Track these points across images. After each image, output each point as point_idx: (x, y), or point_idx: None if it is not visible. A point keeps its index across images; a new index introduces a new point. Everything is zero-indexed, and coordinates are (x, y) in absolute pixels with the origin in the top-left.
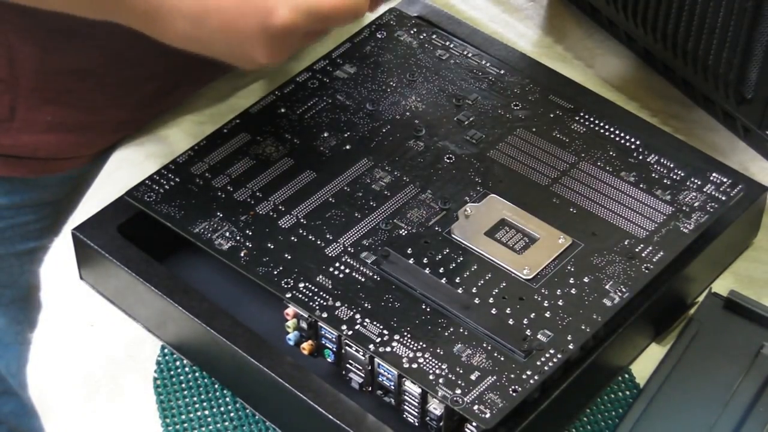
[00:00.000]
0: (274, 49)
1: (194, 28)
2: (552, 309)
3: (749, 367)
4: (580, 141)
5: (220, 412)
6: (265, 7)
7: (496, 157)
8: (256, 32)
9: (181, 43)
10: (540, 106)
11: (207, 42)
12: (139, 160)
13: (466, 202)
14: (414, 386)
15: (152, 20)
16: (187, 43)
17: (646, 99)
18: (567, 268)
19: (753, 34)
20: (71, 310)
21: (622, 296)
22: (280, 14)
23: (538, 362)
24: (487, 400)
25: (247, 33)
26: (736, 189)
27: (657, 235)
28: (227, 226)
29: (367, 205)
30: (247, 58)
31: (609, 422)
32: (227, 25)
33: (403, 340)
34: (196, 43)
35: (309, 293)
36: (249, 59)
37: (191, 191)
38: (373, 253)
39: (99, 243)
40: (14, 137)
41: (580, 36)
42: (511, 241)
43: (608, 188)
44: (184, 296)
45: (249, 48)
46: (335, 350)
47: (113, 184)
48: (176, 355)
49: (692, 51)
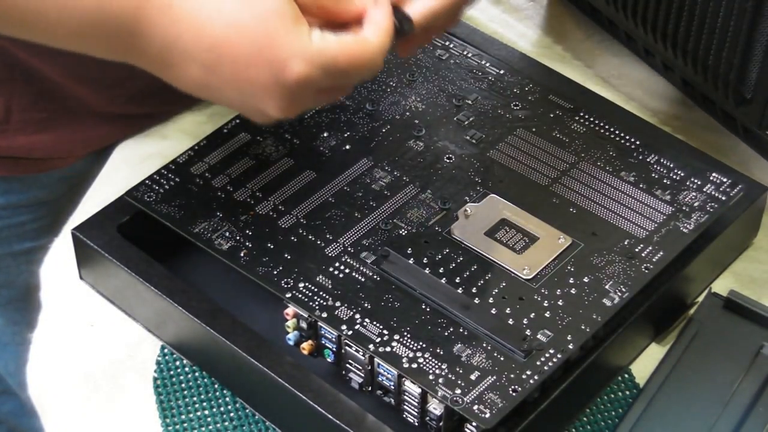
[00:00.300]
0: (287, 103)
1: (207, 75)
2: (552, 309)
3: (749, 367)
4: (580, 141)
5: (220, 412)
6: (278, 59)
7: (496, 157)
8: (269, 84)
9: (194, 89)
10: (540, 106)
11: (219, 90)
12: (139, 160)
13: (466, 201)
14: (414, 386)
15: (165, 65)
16: (199, 90)
17: (646, 99)
18: (567, 268)
19: (753, 34)
20: (71, 310)
21: (621, 296)
22: (294, 67)
23: (537, 362)
24: (487, 400)
25: (259, 84)
26: (735, 189)
27: (657, 235)
28: (227, 226)
29: (367, 205)
30: (259, 111)
31: (609, 422)
32: (240, 75)
33: (403, 340)
34: (208, 91)
35: (309, 293)
36: (261, 112)
37: (191, 191)
38: (372, 253)
39: (99, 243)
40: (10, 139)
41: (579, 36)
42: (511, 241)
43: (608, 188)
44: (184, 296)
45: (261, 100)
46: (335, 350)
47: (113, 184)
48: (176, 355)
49: (692, 51)
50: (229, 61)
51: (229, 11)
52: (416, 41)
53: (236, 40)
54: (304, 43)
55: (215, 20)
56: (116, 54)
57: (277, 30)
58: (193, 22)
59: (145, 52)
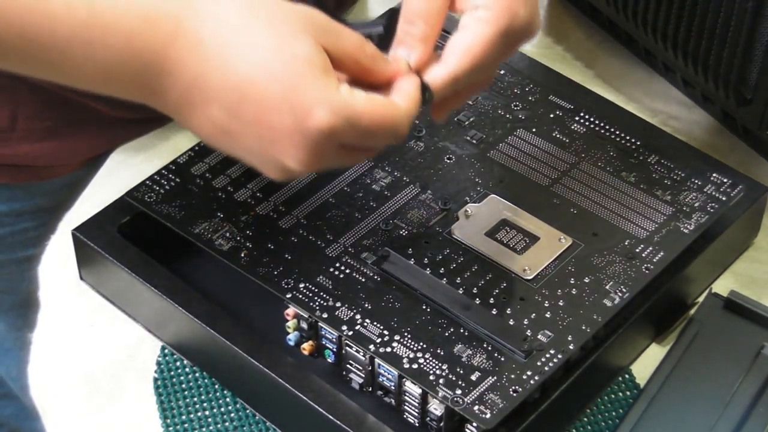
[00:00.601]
0: (307, 154)
1: (228, 118)
2: (552, 309)
3: (749, 368)
4: (581, 141)
5: (220, 412)
6: (303, 104)
7: (497, 157)
8: (291, 131)
9: (212, 134)
10: (540, 107)
11: (238, 136)
12: (139, 161)
13: (466, 202)
14: (414, 387)
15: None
16: (217, 136)
17: (647, 99)
18: (567, 269)
19: (753, 35)
20: (71, 310)
21: (622, 296)
22: (318, 115)
23: (538, 362)
24: (488, 400)
25: (281, 130)
26: (736, 189)
27: (657, 235)
28: (227, 227)
29: (368, 206)
30: (277, 162)
31: (609, 422)
32: (262, 118)
33: (404, 340)
34: (227, 137)
35: (309, 293)
36: (279, 163)
37: (191, 192)
38: (373, 254)
39: (99, 243)
40: (14, 147)
41: (580, 36)
42: (511, 242)
43: (609, 188)
44: (185, 297)
45: (281, 149)
46: (335, 350)
47: (113, 185)
48: (176, 356)
49: (692, 51)
50: (252, 103)
51: (258, 53)
52: (447, 106)
53: (263, 81)
54: (331, 93)
55: (243, 61)
56: (139, 94)
57: (305, 76)
58: (221, 60)
59: (169, 91)
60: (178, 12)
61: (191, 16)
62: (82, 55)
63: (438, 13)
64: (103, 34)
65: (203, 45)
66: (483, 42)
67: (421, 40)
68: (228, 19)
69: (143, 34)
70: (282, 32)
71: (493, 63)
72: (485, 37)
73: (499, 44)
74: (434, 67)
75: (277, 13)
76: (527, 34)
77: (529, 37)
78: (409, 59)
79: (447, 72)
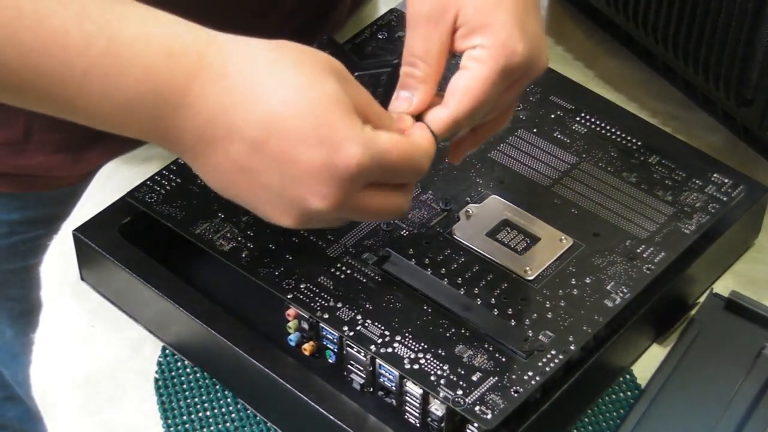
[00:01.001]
0: (334, 191)
1: (250, 154)
2: (553, 310)
3: (750, 368)
4: (582, 142)
5: (221, 413)
6: (333, 139)
7: (498, 157)
8: (318, 165)
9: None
10: (541, 107)
11: (258, 174)
12: (140, 161)
13: (467, 202)
14: (415, 387)
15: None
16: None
17: (647, 100)
18: (568, 269)
19: (754, 35)
20: (72, 311)
21: (623, 297)
22: (348, 149)
23: (539, 363)
24: (489, 400)
25: (308, 165)
26: (737, 190)
27: (658, 235)
28: (228, 227)
29: None
30: (298, 201)
31: (610, 423)
32: (287, 153)
33: (405, 340)
34: (243, 176)
35: (310, 294)
36: (299, 203)
37: (192, 192)
38: (374, 254)
39: (100, 244)
40: (29, 158)
41: (580, 37)
42: (512, 242)
43: (610, 189)
44: (185, 297)
45: (305, 186)
46: (336, 351)
47: (114, 185)
48: (177, 356)
49: (693, 52)
50: (279, 138)
51: (286, 90)
52: (463, 148)
53: (291, 116)
54: (360, 130)
55: (271, 95)
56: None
57: (335, 113)
58: (247, 93)
59: (187, 127)
60: (202, 48)
61: (215, 52)
62: (99, 88)
63: (438, 53)
64: (121, 66)
65: (228, 79)
66: (481, 82)
67: (423, 82)
68: (254, 57)
69: (164, 68)
70: (309, 72)
71: (499, 101)
72: (483, 77)
73: (499, 82)
74: (435, 110)
75: (304, 55)
76: (530, 71)
77: (533, 73)
78: (411, 101)
79: (448, 114)
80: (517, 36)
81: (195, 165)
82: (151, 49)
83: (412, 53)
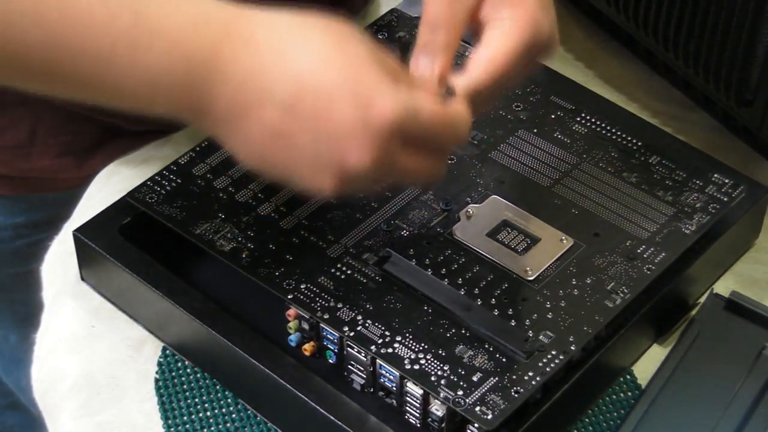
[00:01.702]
0: (370, 146)
1: (283, 116)
2: (554, 310)
3: (751, 368)
4: (582, 142)
5: (221, 413)
6: (366, 94)
7: (498, 158)
8: (351, 122)
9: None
10: (541, 107)
11: (292, 137)
12: (140, 161)
13: (467, 203)
14: (416, 387)
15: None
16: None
17: (648, 100)
18: (569, 269)
19: (754, 36)
20: (72, 311)
21: (623, 297)
22: (382, 104)
23: (539, 363)
24: (489, 401)
25: (342, 122)
26: (737, 190)
27: (659, 236)
28: (229, 228)
29: (369, 206)
30: (335, 162)
31: (611, 423)
32: (321, 112)
33: (405, 341)
34: (278, 142)
35: (311, 294)
36: (336, 163)
37: (193, 192)
38: (374, 254)
39: (100, 244)
40: (34, 161)
41: (580, 37)
42: (512, 242)
43: (610, 189)
44: (186, 297)
45: (341, 144)
46: (337, 351)
47: (114, 186)
48: (178, 356)
49: (693, 52)
50: (312, 96)
51: (315, 49)
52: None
53: (321, 74)
54: (393, 86)
55: (300, 56)
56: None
57: (365, 69)
58: (276, 56)
59: (219, 95)
60: (229, 17)
61: (243, 21)
62: (128, 60)
63: (460, 22)
64: (150, 37)
65: (257, 44)
66: (507, 53)
67: (444, 49)
68: (281, 23)
69: (193, 36)
70: (338, 33)
71: (515, 76)
72: (510, 49)
73: (523, 57)
74: (459, 78)
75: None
76: (549, 49)
77: (550, 52)
78: (432, 67)
79: (470, 82)
80: (544, 13)
81: (228, 137)
82: (179, 19)
83: (434, 19)
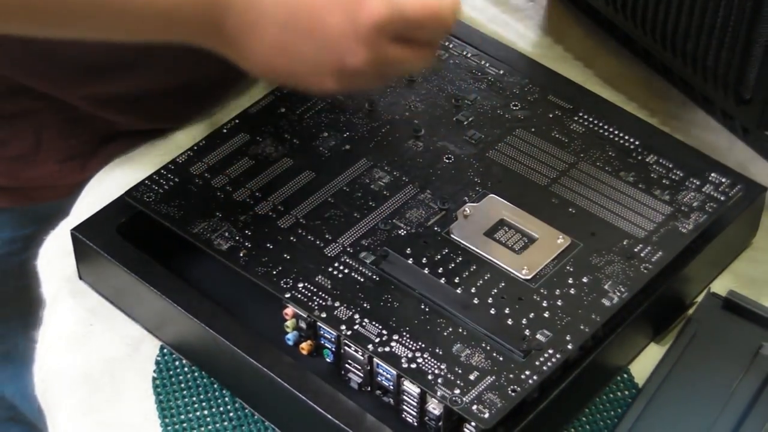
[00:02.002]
0: (361, 45)
1: (282, 32)
2: (551, 309)
3: (748, 367)
4: (579, 141)
5: (219, 411)
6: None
7: (496, 157)
8: (345, 28)
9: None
10: (539, 107)
11: (294, 49)
12: (139, 161)
13: (465, 202)
14: (413, 386)
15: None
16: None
17: (645, 99)
18: (566, 268)
19: (752, 35)
20: (70, 310)
21: (621, 296)
22: (368, 7)
23: (536, 362)
24: (486, 400)
25: (335, 30)
26: (735, 189)
27: (656, 235)
28: (226, 226)
29: (366, 205)
30: (336, 65)
31: (608, 422)
32: (316, 24)
33: (402, 340)
34: (282, 55)
35: (308, 293)
36: (338, 65)
37: (190, 191)
38: (372, 253)
39: (98, 243)
40: (39, 169)
41: (579, 36)
42: (510, 241)
43: (607, 188)
44: (183, 296)
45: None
46: (334, 350)
47: (112, 185)
48: (175, 355)
49: (691, 51)
50: (304, 11)
51: None
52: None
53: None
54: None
55: None
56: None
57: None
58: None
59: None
60: None
61: None
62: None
63: None
64: None
65: None
66: None
67: None
68: None
69: None
70: None
71: None
72: None
73: None
74: None
75: None
76: None
77: None
78: None
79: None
80: None
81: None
82: None
83: None
